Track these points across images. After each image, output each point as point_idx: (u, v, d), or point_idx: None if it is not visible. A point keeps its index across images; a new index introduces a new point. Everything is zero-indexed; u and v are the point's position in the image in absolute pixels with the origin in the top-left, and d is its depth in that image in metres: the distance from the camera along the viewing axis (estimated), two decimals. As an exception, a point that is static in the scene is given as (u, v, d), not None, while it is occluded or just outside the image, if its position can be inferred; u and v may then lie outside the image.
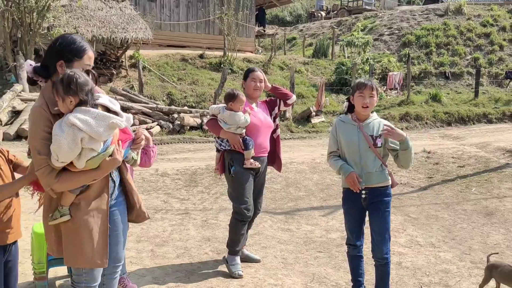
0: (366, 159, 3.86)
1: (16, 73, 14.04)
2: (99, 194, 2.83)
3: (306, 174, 9.11)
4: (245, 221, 4.74)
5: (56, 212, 2.77)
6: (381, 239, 3.90)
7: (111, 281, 3.14)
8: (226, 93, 4.74)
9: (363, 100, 3.87)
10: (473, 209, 7.15)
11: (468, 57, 22.51)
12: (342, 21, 30.68)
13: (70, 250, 2.79)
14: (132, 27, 16.65)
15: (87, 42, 2.91)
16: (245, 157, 4.68)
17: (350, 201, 3.99)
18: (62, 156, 2.58)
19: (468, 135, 14.03)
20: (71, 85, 2.60)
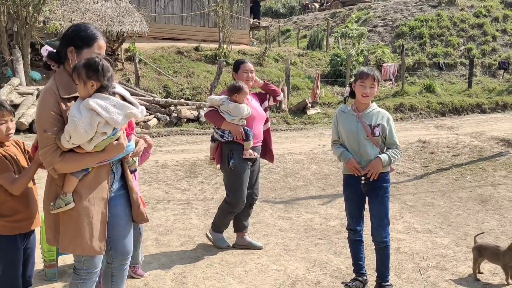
0: (365, 148, 4.01)
1: (12, 67, 14.03)
2: (99, 182, 2.88)
3: (304, 164, 9.24)
4: (236, 212, 4.97)
5: (59, 200, 2.79)
6: (380, 223, 4.05)
7: (120, 273, 3.21)
8: (231, 85, 4.82)
9: (364, 90, 3.99)
10: (468, 196, 7.32)
11: (462, 48, 22.69)
12: (336, 12, 30.79)
13: (70, 237, 2.82)
14: (128, 20, 16.68)
15: (100, 32, 2.98)
16: (245, 148, 4.83)
17: (350, 187, 4.14)
18: (75, 137, 2.64)
19: (462, 125, 14.21)
20: (94, 70, 2.67)
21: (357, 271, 4.23)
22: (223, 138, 4.85)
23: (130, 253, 3.21)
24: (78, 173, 2.80)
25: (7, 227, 3.06)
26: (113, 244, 3.10)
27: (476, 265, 4.48)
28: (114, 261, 3.16)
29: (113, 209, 3.02)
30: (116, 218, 3.05)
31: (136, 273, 4.27)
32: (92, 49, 2.87)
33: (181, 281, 4.31)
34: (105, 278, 3.25)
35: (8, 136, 3.07)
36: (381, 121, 4.05)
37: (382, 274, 4.13)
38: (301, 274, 4.55)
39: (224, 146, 4.89)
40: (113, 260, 3.16)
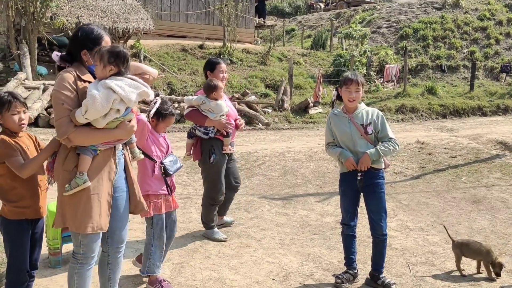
0: (360, 146, 4.24)
1: (19, 61, 14.25)
2: (106, 165, 3.13)
3: (303, 163, 9.43)
4: (217, 204, 5.30)
5: (76, 179, 2.99)
6: (379, 217, 4.29)
7: (116, 260, 3.44)
8: (207, 85, 5.04)
9: (350, 95, 4.25)
10: (462, 197, 7.49)
11: (465, 51, 22.81)
12: (341, 13, 30.90)
13: (80, 217, 3.03)
14: (134, 17, 16.87)
15: (103, 28, 3.24)
16: (225, 144, 5.16)
17: (346, 183, 4.36)
18: (91, 111, 2.85)
19: (462, 127, 14.37)
20: (116, 56, 2.95)
21: (348, 265, 4.43)
22: (207, 135, 5.11)
23: (123, 242, 3.44)
24: (89, 153, 3.03)
25: (14, 211, 3.27)
26: (110, 233, 3.33)
27: (459, 262, 4.68)
28: (110, 249, 3.39)
29: (115, 201, 3.26)
30: (114, 209, 3.27)
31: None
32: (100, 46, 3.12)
33: (179, 271, 4.51)
34: (101, 267, 3.46)
35: (21, 127, 3.27)
36: (372, 119, 4.28)
37: (378, 266, 4.36)
38: (294, 267, 4.74)
39: (205, 142, 5.15)
40: (108, 248, 3.39)
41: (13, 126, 3.24)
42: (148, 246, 4.08)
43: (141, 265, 4.16)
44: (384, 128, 4.31)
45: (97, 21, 15.82)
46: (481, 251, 4.57)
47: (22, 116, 3.26)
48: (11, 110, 3.21)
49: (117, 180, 3.25)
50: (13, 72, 14.03)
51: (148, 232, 4.11)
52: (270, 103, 16.12)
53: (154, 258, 4.07)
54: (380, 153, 4.20)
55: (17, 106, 3.22)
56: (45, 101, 11.95)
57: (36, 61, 14.53)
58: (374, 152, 4.19)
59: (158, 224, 4.08)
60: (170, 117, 4.08)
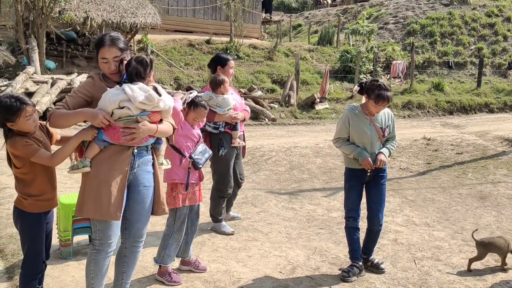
0: (375, 147, 4.41)
1: (28, 55, 14.35)
2: (121, 156, 3.21)
3: (310, 158, 9.47)
4: (225, 197, 5.39)
5: (78, 163, 3.17)
6: (379, 208, 4.46)
7: (132, 254, 3.50)
8: (213, 80, 5.10)
9: (377, 110, 4.35)
10: (468, 193, 7.52)
11: (472, 47, 22.73)
12: (348, 8, 30.83)
13: (90, 202, 3.16)
14: (141, 12, 16.91)
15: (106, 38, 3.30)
16: (233, 137, 5.26)
17: (356, 179, 4.47)
18: (100, 102, 3.14)
19: (469, 123, 14.35)
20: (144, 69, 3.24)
21: (354, 257, 4.50)
22: (217, 129, 5.17)
23: (142, 237, 3.49)
24: (99, 143, 3.18)
25: (35, 205, 3.34)
26: (128, 226, 3.41)
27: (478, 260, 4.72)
28: (127, 242, 3.46)
29: (135, 194, 3.35)
30: (135, 202, 3.36)
31: (199, 267, 4.41)
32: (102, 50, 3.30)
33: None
34: (117, 258, 3.52)
35: (36, 127, 3.29)
36: (388, 122, 4.45)
37: (369, 250, 4.60)
38: (301, 260, 4.80)
39: (213, 136, 5.21)
40: (126, 240, 3.46)
41: (29, 128, 3.23)
42: (166, 237, 4.17)
43: (156, 254, 4.22)
44: (394, 130, 4.53)
45: (105, 16, 15.89)
46: (506, 245, 4.67)
47: (35, 116, 3.26)
48: (23, 116, 3.17)
49: (137, 173, 3.32)
50: (22, 66, 14.12)
51: (169, 224, 4.19)
52: (277, 99, 16.15)
53: (170, 249, 4.15)
54: (391, 152, 4.47)
55: (28, 110, 3.18)
56: (53, 95, 12.03)
57: (44, 55, 14.61)
58: (387, 152, 4.41)
59: (180, 218, 4.17)
60: (201, 108, 4.16)
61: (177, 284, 4.12)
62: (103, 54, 3.24)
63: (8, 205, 5.77)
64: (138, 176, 3.34)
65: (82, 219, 4.49)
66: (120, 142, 3.20)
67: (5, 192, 6.24)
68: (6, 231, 5.06)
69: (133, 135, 3.16)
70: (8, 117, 3.14)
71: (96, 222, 3.23)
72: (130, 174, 3.28)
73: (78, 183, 5.77)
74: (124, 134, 3.16)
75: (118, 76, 3.29)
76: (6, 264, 4.44)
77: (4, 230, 5.09)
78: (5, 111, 3.13)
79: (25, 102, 3.19)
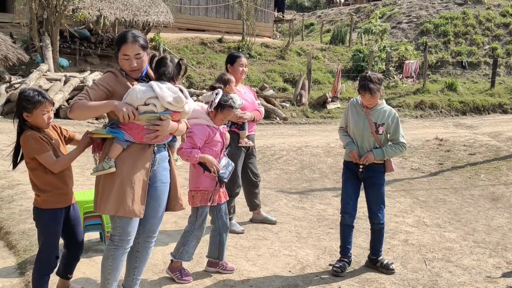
0: (367, 143, 4.43)
1: (42, 53, 14.47)
2: (143, 154, 3.27)
3: (321, 158, 9.45)
4: (233, 196, 5.38)
5: (103, 163, 3.20)
6: (378, 207, 4.49)
7: (145, 250, 3.55)
8: (218, 78, 5.13)
9: (365, 102, 4.40)
10: (480, 194, 7.46)
11: (486, 47, 22.52)
12: (361, 8, 30.70)
13: (113, 200, 3.19)
14: (154, 11, 16.98)
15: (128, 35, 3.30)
16: (241, 137, 5.25)
17: (350, 170, 4.56)
18: (127, 97, 3.17)
19: (482, 124, 14.22)
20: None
21: (344, 254, 4.61)
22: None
23: (155, 233, 3.55)
24: (122, 143, 3.22)
25: (47, 201, 3.41)
26: (143, 221, 3.45)
27: None
28: (140, 237, 3.50)
29: (153, 190, 3.39)
30: (151, 198, 3.40)
31: (226, 268, 4.39)
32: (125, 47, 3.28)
33: (197, 261, 4.58)
34: (130, 253, 3.53)
35: (49, 124, 3.41)
36: (386, 120, 4.40)
37: (376, 250, 4.59)
38: (311, 260, 4.80)
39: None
40: (139, 235, 3.49)
41: (42, 124, 3.35)
42: (187, 234, 4.21)
43: (174, 249, 4.25)
44: (397, 132, 4.44)
45: (118, 14, 15.98)
46: None
47: (50, 114, 3.39)
48: (41, 110, 3.31)
49: (156, 170, 3.37)
50: (36, 64, 14.24)
51: (191, 221, 4.25)
52: (288, 98, 16.14)
53: (189, 246, 4.18)
54: (385, 154, 4.39)
55: (47, 105, 3.34)
56: (67, 92, 12.14)
57: (58, 53, 14.74)
58: (379, 152, 4.38)
59: (202, 216, 4.21)
60: (229, 109, 4.17)
61: (186, 282, 4.14)
62: (125, 51, 3.25)
63: (20, 202, 5.83)
64: (156, 173, 3.39)
65: (93, 216, 4.54)
66: (144, 141, 3.25)
67: (18, 189, 6.30)
68: (19, 227, 5.11)
69: (156, 133, 3.23)
70: (27, 107, 3.28)
71: (116, 218, 3.27)
72: (150, 171, 3.33)
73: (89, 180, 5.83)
74: (148, 132, 3.22)
75: (137, 73, 3.31)
76: (18, 260, 4.48)
77: (16, 226, 5.14)
78: (26, 101, 3.29)
79: (46, 97, 3.36)
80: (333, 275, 4.43)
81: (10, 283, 4.08)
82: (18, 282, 4.09)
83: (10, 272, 4.28)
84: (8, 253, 4.70)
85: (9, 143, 9.01)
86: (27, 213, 5.47)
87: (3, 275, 4.21)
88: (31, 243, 4.73)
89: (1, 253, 4.73)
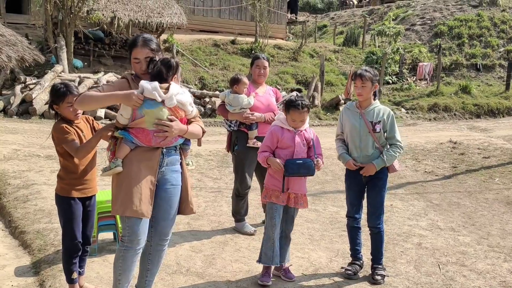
0: (366, 143, 4.40)
1: (56, 54, 14.61)
2: (150, 155, 3.29)
3: (333, 160, 9.40)
4: (241, 196, 5.38)
5: (111, 163, 3.26)
6: (375, 211, 4.46)
7: (157, 253, 3.54)
8: (231, 78, 5.27)
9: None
10: (495, 198, 7.38)
11: (501, 50, 22.31)
12: (374, 9, 30.58)
13: (120, 200, 3.23)
14: (167, 12, 17.07)
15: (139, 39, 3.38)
16: (249, 137, 5.25)
17: (351, 178, 4.53)
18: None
19: (497, 127, 14.09)
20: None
21: (354, 256, 4.60)
22: (230, 127, 5.32)
23: (167, 236, 3.54)
24: (129, 143, 3.27)
25: (65, 189, 3.63)
26: (154, 224, 3.45)
27: None
28: (153, 240, 3.50)
29: (163, 192, 3.39)
30: (162, 200, 3.40)
31: (286, 275, 4.36)
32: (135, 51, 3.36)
33: (210, 262, 4.59)
34: (142, 255, 3.54)
35: (77, 116, 3.64)
36: (382, 117, 4.39)
37: (375, 257, 4.50)
38: (323, 262, 4.78)
39: (232, 134, 5.37)
40: (151, 238, 3.49)
41: (69, 116, 3.60)
42: (264, 235, 4.25)
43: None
44: (393, 130, 4.42)
45: (131, 16, 16.08)
46: None
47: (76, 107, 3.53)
48: (66, 102, 3.55)
49: (165, 171, 3.38)
50: (50, 65, 14.39)
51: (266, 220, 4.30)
52: (301, 100, 16.10)
53: (265, 247, 4.19)
54: (385, 162, 4.37)
55: (71, 98, 3.54)
56: (81, 93, 12.23)
57: (72, 54, 14.88)
58: (379, 162, 4.36)
59: (269, 213, 4.22)
60: (293, 109, 4.11)
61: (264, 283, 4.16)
62: (136, 55, 3.34)
63: (35, 201, 5.88)
64: (165, 175, 3.39)
65: (107, 217, 4.57)
66: (152, 145, 3.28)
67: (33, 189, 6.36)
68: (33, 227, 5.16)
69: (165, 134, 3.24)
70: (55, 99, 3.60)
71: (125, 219, 3.28)
72: (158, 173, 3.33)
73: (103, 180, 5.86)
74: (156, 133, 3.24)
75: (148, 76, 3.35)
76: (33, 259, 4.53)
77: (31, 226, 5.19)
78: (54, 93, 3.61)
79: (71, 90, 3.59)
80: (346, 277, 4.42)
81: (25, 282, 4.13)
82: (33, 281, 4.13)
83: (24, 271, 4.32)
84: (23, 253, 4.75)
85: (23, 143, 9.11)
86: (41, 212, 5.53)
87: (18, 274, 4.26)
88: (45, 243, 4.77)
89: (16, 252, 4.78)
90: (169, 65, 3.31)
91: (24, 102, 12.20)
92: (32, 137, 9.89)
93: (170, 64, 3.32)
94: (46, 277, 4.13)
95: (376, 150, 4.39)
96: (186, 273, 4.33)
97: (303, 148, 4.24)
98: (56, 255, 4.45)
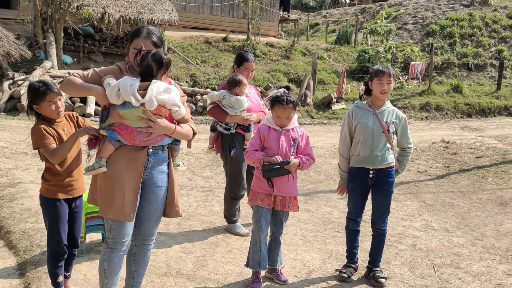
0: (378, 143, 4.24)
1: (45, 50, 14.39)
2: (135, 156, 3.14)
3: (326, 159, 9.35)
4: (237, 199, 5.25)
5: (94, 163, 3.14)
6: (382, 214, 4.36)
7: (142, 252, 3.43)
8: (231, 79, 5.01)
9: (382, 87, 4.20)
10: (488, 198, 7.34)
11: (492, 49, 22.37)
12: (366, 8, 30.58)
13: (104, 201, 3.14)
14: (159, 9, 16.89)
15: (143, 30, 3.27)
16: (246, 138, 5.08)
17: (357, 180, 4.37)
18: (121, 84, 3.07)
19: (488, 127, 14.09)
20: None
21: (350, 258, 4.50)
22: (228, 131, 5.08)
23: (152, 236, 3.42)
24: (113, 142, 3.11)
25: (51, 190, 3.51)
26: (138, 224, 3.33)
27: None
28: (137, 240, 3.40)
29: (147, 193, 3.27)
30: (146, 202, 3.28)
31: (280, 278, 4.25)
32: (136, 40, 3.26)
33: (201, 264, 4.48)
34: (128, 256, 3.45)
35: (59, 114, 3.47)
36: (395, 119, 4.29)
37: (375, 259, 4.41)
38: (317, 264, 4.69)
39: (226, 136, 5.12)
40: (135, 238, 3.39)
41: (51, 115, 3.45)
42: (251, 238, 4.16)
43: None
44: (406, 133, 4.36)
45: (122, 12, 15.90)
46: None
47: (58, 104, 3.44)
48: (47, 101, 3.39)
49: (151, 172, 3.24)
50: (39, 61, 14.18)
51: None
52: (293, 98, 16.01)
53: (252, 251, 4.09)
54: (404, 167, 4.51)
55: (52, 96, 3.39)
56: (70, 90, 12.04)
57: (61, 50, 14.66)
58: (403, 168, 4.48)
59: (255, 216, 4.11)
60: (278, 105, 3.95)
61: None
62: (136, 45, 3.20)
63: (21, 200, 5.74)
64: (152, 176, 3.25)
65: (95, 217, 4.44)
66: (136, 144, 3.12)
67: (20, 187, 6.21)
68: (19, 227, 5.02)
69: (149, 130, 3.09)
70: (34, 99, 3.40)
71: (109, 221, 3.17)
72: (144, 174, 3.20)
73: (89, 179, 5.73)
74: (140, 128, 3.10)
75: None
76: (19, 260, 4.39)
77: (17, 226, 5.05)
78: (32, 93, 3.40)
79: (51, 88, 3.40)
80: (340, 280, 4.33)
81: (10, 284, 3.99)
82: (18, 283, 4.00)
83: (9, 273, 4.19)
84: (8, 253, 4.61)
85: (11, 141, 8.93)
86: (28, 212, 5.39)
87: (2, 276, 4.12)
88: (31, 243, 4.64)
89: (1, 253, 4.64)
90: (161, 62, 3.12)
91: (12, 98, 12.00)
92: (20, 134, 9.71)
93: (162, 61, 3.13)
94: (31, 279, 4.00)
95: (387, 150, 4.25)
96: (177, 275, 4.22)
97: (289, 148, 4.06)
98: (43, 256, 4.32)
